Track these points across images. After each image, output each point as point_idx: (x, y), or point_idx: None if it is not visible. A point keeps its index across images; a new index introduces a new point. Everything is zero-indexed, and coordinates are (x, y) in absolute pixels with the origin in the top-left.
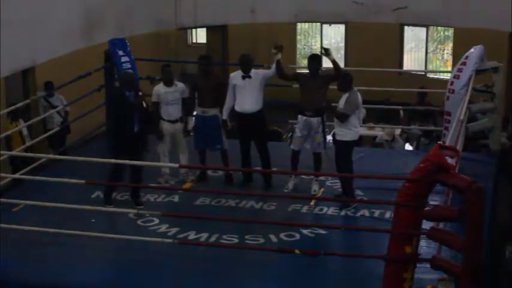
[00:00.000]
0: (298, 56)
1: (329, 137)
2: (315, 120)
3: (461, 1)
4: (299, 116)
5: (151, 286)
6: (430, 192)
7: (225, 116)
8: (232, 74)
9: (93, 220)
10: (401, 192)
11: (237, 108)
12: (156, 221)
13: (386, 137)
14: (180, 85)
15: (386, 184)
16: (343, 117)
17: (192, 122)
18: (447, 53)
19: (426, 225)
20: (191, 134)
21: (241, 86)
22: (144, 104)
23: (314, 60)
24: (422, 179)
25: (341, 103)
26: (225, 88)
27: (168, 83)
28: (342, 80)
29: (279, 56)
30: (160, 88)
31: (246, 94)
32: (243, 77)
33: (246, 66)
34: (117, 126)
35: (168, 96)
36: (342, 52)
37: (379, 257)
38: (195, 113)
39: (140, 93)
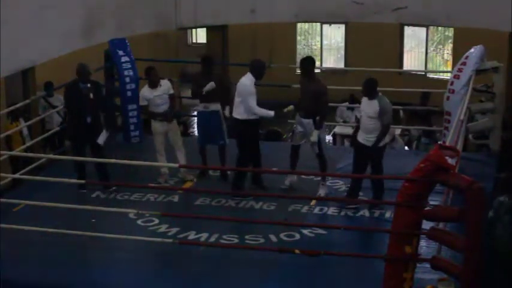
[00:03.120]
0: (298, 56)
1: (329, 137)
2: (306, 122)
3: (461, 1)
4: (297, 114)
5: (151, 286)
6: (430, 192)
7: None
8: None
9: (93, 220)
10: (401, 192)
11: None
12: (156, 221)
13: (386, 137)
14: (164, 83)
15: (386, 184)
16: (388, 128)
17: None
18: (447, 53)
19: (426, 225)
20: (190, 134)
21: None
22: (91, 95)
23: (301, 62)
24: (422, 179)
25: (368, 110)
26: (227, 85)
27: (154, 85)
28: (367, 85)
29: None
30: (147, 93)
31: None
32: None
33: (264, 70)
34: (72, 117)
35: (156, 99)
36: (342, 52)
37: (379, 257)
38: (195, 111)
39: (88, 85)
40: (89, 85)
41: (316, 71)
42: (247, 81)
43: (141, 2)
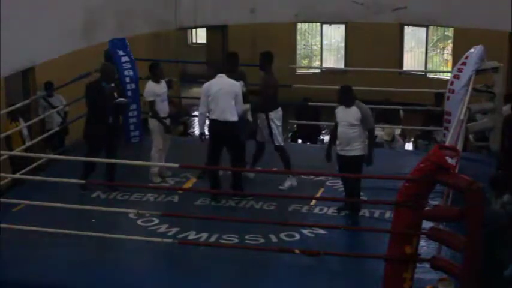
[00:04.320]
0: (298, 56)
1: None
2: (262, 116)
3: (461, 1)
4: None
5: (151, 286)
6: (430, 192)
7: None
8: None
9: (93, 220)
10: (401, 192)
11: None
12: (156, 221)
13: (386, 137)
14: (162, 81)
15: (386, 184)
16: (374, 132)
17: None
18: (447, 53)
19: (426, 225)
20: (191, 134)
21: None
22: (115, 95)
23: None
24: (422, 179)
25: (348, 118)
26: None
27: (158, 80)
28: (346, 93)
29: None
30: (154, 87)
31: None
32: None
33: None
34: (92, 115)
35: (163, 95)
36: (342, 52)
37: (379, 257)
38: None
39: (112, 85)
40: (113, 85)
41: (316, 71)
42: (236, 82)
43: (141, 2)
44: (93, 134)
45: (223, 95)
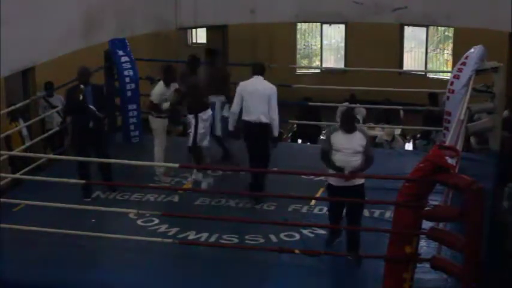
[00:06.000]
0: (298, 56)
1: None
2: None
3: (461, 1)
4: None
5: (151, 286)
6: (430, 192)
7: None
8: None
9: (93, 220)
10: (401, 192)
11: None
12: (156, 221)
13: (386, 137)
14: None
15: (386, 184)
16: (372, 161)
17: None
18: (447, 53)
19: (426, 225)
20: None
21: None
22: (81, 97)
23: None
24: (422, 179)
25: (353, 145)
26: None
27: (170, 83)
28: (350, 118)
29: None
30: (164, 90)
31: None
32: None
33: None
34: (72, 121)
35: (169, 98)
36: (342, 52)
37: (379, 257)
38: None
39: (82, 86)
40: (82, 86)
41: (316, 71)
42: (271, 86)
43: (141, 2)
44: (74, 139)
45: (256, 97)
